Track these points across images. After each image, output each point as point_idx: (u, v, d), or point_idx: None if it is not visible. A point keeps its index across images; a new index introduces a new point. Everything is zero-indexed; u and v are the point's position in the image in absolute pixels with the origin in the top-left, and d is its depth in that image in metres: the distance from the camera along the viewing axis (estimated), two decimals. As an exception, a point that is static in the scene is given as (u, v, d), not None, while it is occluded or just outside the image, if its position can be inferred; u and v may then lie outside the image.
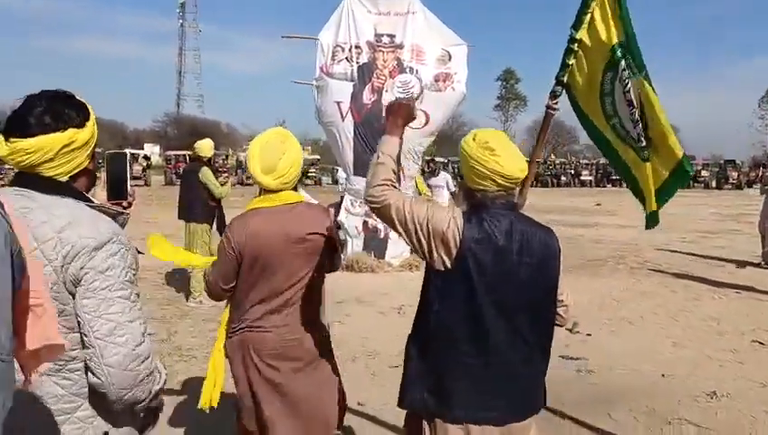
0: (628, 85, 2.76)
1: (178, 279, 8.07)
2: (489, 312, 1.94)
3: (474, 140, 2.02)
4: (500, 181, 1.98)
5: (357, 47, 9.25)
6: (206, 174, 6.86)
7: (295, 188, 2.63)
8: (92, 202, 1.63)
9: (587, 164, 49.48)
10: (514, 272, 1.96)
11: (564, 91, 3.00)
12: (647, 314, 6.85)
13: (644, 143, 2.84)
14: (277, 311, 2.52)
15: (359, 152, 9.21)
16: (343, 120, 9.15)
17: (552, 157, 56.15)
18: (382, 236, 9.46)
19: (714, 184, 44.10)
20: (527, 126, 79.43)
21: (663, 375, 4.88)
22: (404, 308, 6.82)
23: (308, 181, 35.71)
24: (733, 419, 4.07)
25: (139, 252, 1.68)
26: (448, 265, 1.94)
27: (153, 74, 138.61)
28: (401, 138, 2.16)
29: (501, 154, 1.97)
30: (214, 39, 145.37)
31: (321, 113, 9.36)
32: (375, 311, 6.83)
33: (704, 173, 45.88)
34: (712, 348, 5.63)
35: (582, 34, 2.88)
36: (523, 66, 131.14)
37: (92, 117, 1.68)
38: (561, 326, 2.23)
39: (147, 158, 42.15)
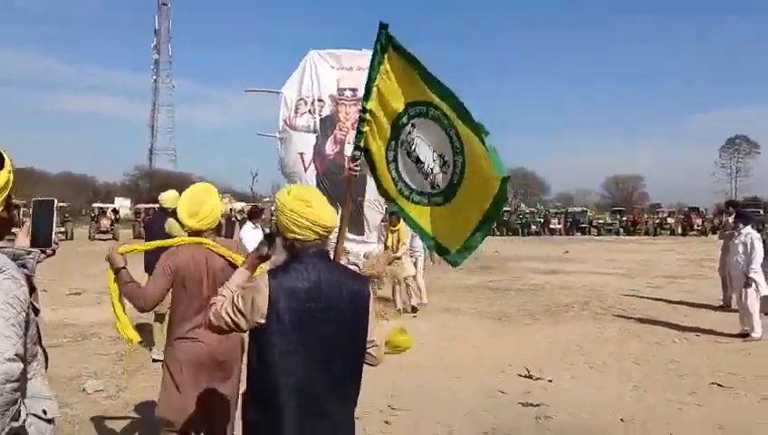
0: (414, 144, 3.15)
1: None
2: (304, 360, 2.07)
3: (289, 194, 2.21)
4: (319, 231, 2.17)
5: (320, 100, 9.39)
6: (172, 226, 6.72)
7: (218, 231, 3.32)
8: None
9: (556, 213, 50.21)
10: (325, 319, 2.10)
11: (364, 155, 3.34)
12: (609, 360, 6.83)
13: (439, 190, 3.15)
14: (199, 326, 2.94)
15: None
16: (306, 171, 9.20)
17: (523, 206, 57.05)
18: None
19: (679, 231, 45.01)
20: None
21: (622, 420, 4.83)
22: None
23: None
24: (690, 463, 4.02)
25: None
26: (262, 323, 2.07)
27: (126, 129, 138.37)
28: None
29: (316, 206, 2.18)
30: (188, 94, 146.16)
31: (284, 164, 9.40)
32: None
33: (669, 220, 46.95)
34: (672, 391, 5.60)
35: (372, 105, 3.26)
36: (486, 117, 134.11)
37: (8, 165, 1.64)
38: (374, 365, 2.34)
39: (115, 211, 41.64)
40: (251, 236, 8.52)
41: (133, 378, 6.03)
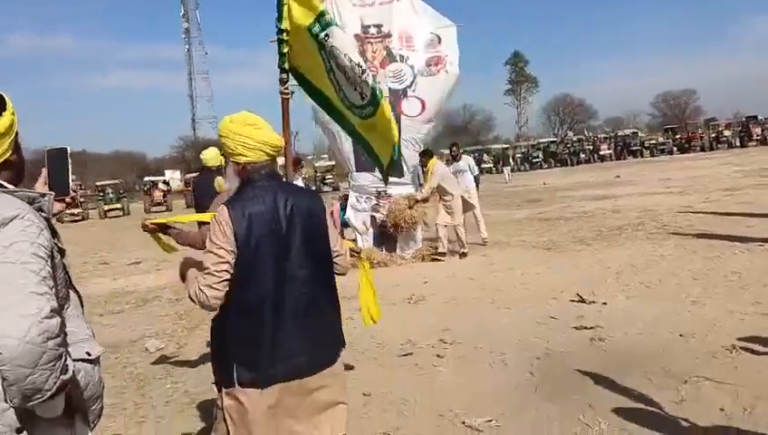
0: (337, 56, 3.15)
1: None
2: (277, 277, 2.15)
3: (232, 121, 2.24)
4: (269, 151, 2.23)
5: (345, 42, 9.18)
6: (220, 184, 6.76)
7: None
8: (6, 187, 1.57)
9: (605, 138, 48.67)
10: (289, 234, 2.19)
11: (292, 75, 3.39)
12: (665, 277, 6.63)
13: (368, 99, 3.19)
14: None
15: (358, 147, 9.10)
16: (338, 117, 9.08)
17: (570, 135, 55.49)
18: (391, 230, 9.35)
19: (737, 143, 43.01)
20: (541, 106, 78.71)
21: (681, 335, 4.68)
22: (414, 297, 6.72)
23: (326, 188, 35.74)
24: (754, 371, 3.87)
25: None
26: (236, 252, 2.11)
27: (167, 102, 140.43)
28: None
29: (263, 127, 2.26)
30: (221, 60, 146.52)
31: (318, 112, 9.27)
32: (385, 303, 6.67)
33: (726, 133, 44.86)
34: (733, 303, 5.39)
35: (285, 24, 3.27)
36: (529, 48, 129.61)
37: (10, 107, 1.61)
38: (342, 274, 2.43)
39: (166, 183, 42.67)
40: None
41: (192, 335, 6.22)
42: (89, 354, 1.67)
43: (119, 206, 37.07)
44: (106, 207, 36.64)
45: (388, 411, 3.82)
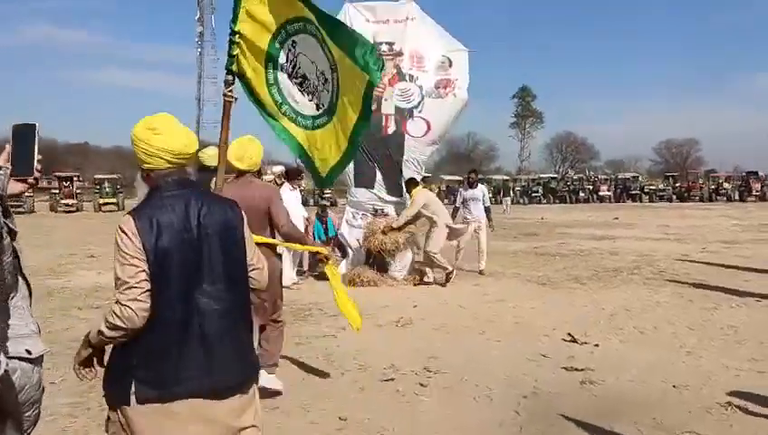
0: (297, 62, 3.20)
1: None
2: (186, 290, 2.02)
3: (136, 126, 2.12)
4: (168, 158, 2.08)
5: (356, 57, 9.09)
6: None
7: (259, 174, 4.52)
8: None
9: (605, 179, 48.81)
10: (202, 246, 2.06)
11: (237, 79, 3.36)
12: (661, 325, 6.45)
13: (323, 108, 3.21)
14: None
15: (359, 163, 8.97)
16: (342, 131, 8.95)
17: (570, 172, 55.70)
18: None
19: (736, 196, 43.17)
20: (545, 142, 79.09)
21: (674, 386, 4.50)
22: (402, 320, 6.53)
23: (324, 202, 35.51)
24: (749, 431, 3.69)
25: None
26: (146, 268, 1.97)
27: (174, 103, 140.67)
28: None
29: (164, 133, 2.09)
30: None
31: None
32: (372, 324, 6.51)
33: (726, 185, 45.07)
34: (729, 357, 5.22)
35: (241, 27, 3.23)
36: (537, 80, 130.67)
37: None
38: (259, 289, 2.36)
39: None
40: (288, 197, 8.38)
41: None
42: (29, 353, 1.50)
43: (114, 200, 36.87)
44: (101, 201, 36.46)
45: (365, 440, 3.62)
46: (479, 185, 10.32)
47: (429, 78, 8.97)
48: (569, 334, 5.87)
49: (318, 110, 3.28)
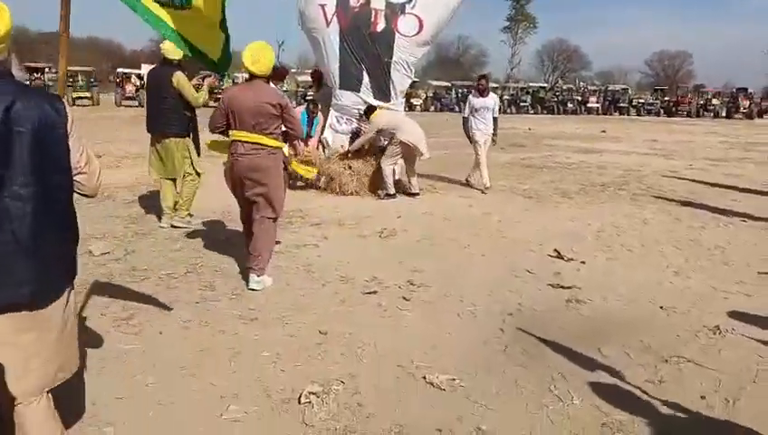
0: None
1: (150, 197, 7.56)
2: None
3: None
4: None
5: (343, -61, 8.29)
6: (180, 79, 6.04)
7: (268, 80, 4.72)
8: None
9: (594, 91, 47.96)
10: (10, 144, 1.86)
11: None
12: (648, 243, 6.35)
13: None
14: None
15: (345, 63, 8.44)
16: (328, 26, 8.32)
17: (560, 82, 54.69)
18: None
19: (723, 113, 42.85)
20: (536, 50, 77.11)
21: (662, 308, 4.41)
22: (386, 232, 6.34)
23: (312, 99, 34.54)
24: (737, 357, 3.62)
25: None
26: None
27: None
28: None
29: None
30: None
31: (304, 18, 8.51)
32: (355, 234, 6.33)
33: (714, 102, 44.56)
34: (717, 279, 5.14)
35: None
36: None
37: None
38: (89, 196, 2.22)
39: (140, 77, 40.80)
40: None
41: (143, 240, 5.78)
42: None
43: (88, 94, 35.44)
44: (74, 95, 34.89)
45: (345, 355, 3.47)
46: (491, 93, 9.32)
47: (424, -30, 8.28)
48: (555, 250, 5.74)
49: None
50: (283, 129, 4.55)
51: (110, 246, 5.48)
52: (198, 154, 6.43)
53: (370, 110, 8.34)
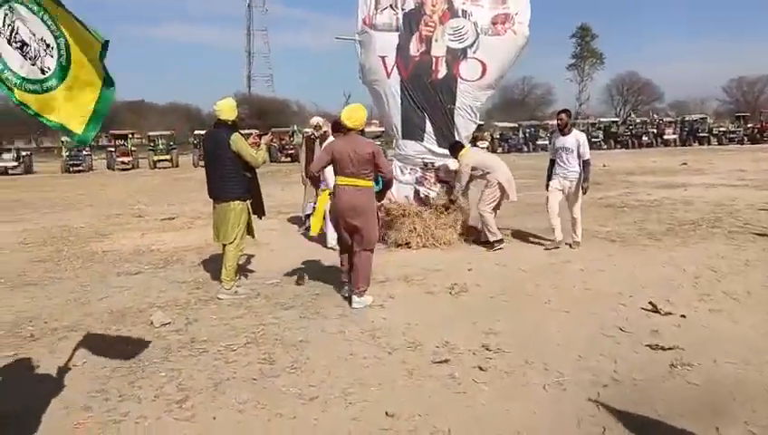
0: (15, 28, 3.15)
1: (217, 260, 7.45)
2: None
3: None
4: None
5: (403, -9, 8.19)
6: (237, 141, 5.87)
7: (362, 132, 5.93)
8: None
9: (670, 122, 46.06)
10: None
11: None
12: (754, 289, 5.61)
13: (50, 72, 3.24)
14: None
15: (407, 112, 8.23)
16: (389, 77, 8.16)
17: (633, 116, 52.97)
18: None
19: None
20: (605, 84, 75.53)
21: (787, 372, 3.74)
22: (456, 287, 5.90)
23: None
24: None
25: None
26: None
27: (225, 58, 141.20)
28: None
29: None
30: (280, 18, 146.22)
31: (365, 71, 8.39)
32: (423, 291, 5.92)
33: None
34: None
35: None
36: (596, 20, 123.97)
37: None
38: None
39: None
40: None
41: (205, 308, 5.59)
42: None
43: (168, 157, 37.14)
44: (156, 158, 36.78)
45: (415, 443, 3.05)
46: (573, 130, 7.88)
47: (485, 13, 7.98)
48: (650, 303, 5.12)
49: (44, 73, 3.26)
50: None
51: (172, 315, 5.32)
52: (263, 214, 6.26)
53: (457, 147, 7.98)
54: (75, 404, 3.59)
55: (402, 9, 8.14)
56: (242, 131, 6.21)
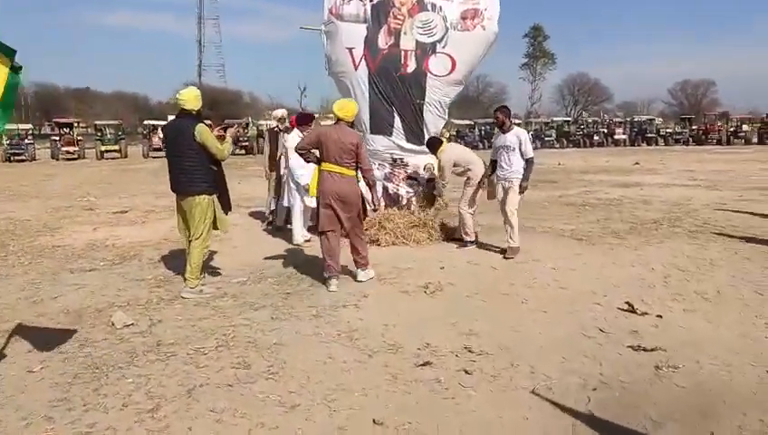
0: None
1: (177, 257, 7.13)
2: None
3: None
4: None
5: (371, -18, 7.99)
6: (202, 132, 5.56)
7: (351, 125, 6.10)
8: None
9: (620, 122, 47.37)
10: None
11: None
12: (723, 288, 5.69)
13: None
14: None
15: (375, 107, 8.06)
16: (356, 70, 7.97)
17: (585, 115, 54.20)
18: (404, 202, 8.37)
19: (754, 139, 41.89)
20: (556, 84, 77.04)
21: (769, 372, 3.76)
22: (431, 287, 5.78)
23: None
24: None
25: None
26: None
27: (174, 47, 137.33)
28: None
29: None
30: (233, 7, 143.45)
31: (332, 63, 8.18)
32: (397, 290, 5.78)
33: (745, 128, 43.68)
34: (820, 331, 4.46)
35: None
36: (549, 20, 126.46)
37: None
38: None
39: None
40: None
41: (169, 308, 5.30)
42: None
43: (116, 147, 35.89)
44: (103, 148, 35.45)
45: (408, 454, 2.90)
46: (514, 127, 7.44)
47: (454, 8, 7.86)
48: (626, 303, 5.11)
49: None
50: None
51: (134, 315, 5.01)
52: (229, 210, 5.98)
53: (435, 143, 7.80)
54: (35, 414, 3.29)
55: (370, 0, 7.95)
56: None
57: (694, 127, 46.88)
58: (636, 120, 48.19)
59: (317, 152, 5.87)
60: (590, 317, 4.88)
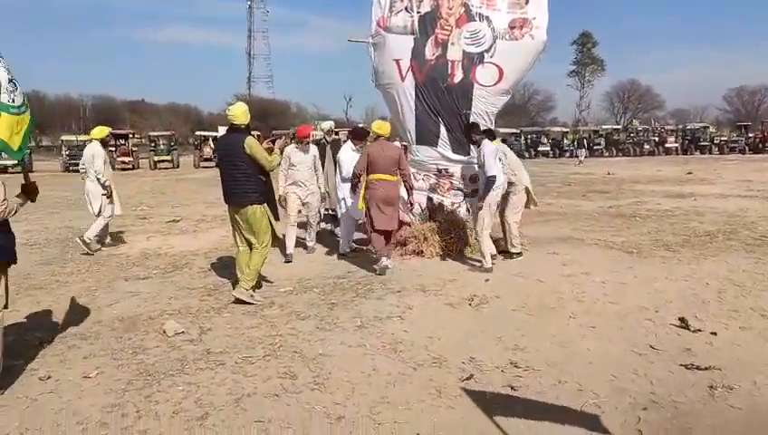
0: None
1: (227, 266, 7.29)
2: None
3: None
4: None
5: (418, -6, 8.02)
6: (251, 145, 5.75)
7: (389, 138, 7.39)
8: None
9: (672, 130, 46.10)
10: None
11: None
12: (783, 305, 5.46)
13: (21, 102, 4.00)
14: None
15: (421, 117, 8.06)
16: (403, 81, 8.00)
17: (635, 123, 52.95)
18: (448, 213, 8.33)
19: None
20: (605, 91, 75.57)
21: (833, 396, 3.59)
22: (476, 299, 5.74)
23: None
24: None
25: None
26: None
27: (225, 59, 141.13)
28: None
29: None
30: (282, 20, 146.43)
31: (378, 74, 8.24)
32: (442, 302, 5.76)
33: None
34: None
35: None
36: (597, 28, 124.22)
37: None
38: None
39: (216, 139, 42.40)
40: (351, 157, 7.60)
41: (218, 317, 5.42)
42: None
43: (169, 158, 37.02)
44: (156, 158, 36.67)
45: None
46: (485, 141, 7.19)
47: (502, 17, 7.82)
48: (679, 319, 4.97)
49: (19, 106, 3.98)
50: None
51: (185, 324, 5.15)
52: (277, 219, 6.11)
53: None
54: (90, 420, 3.42)
55: (418, 12, 7.98)
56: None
57: (750, 135, 45.21)
58: (689, 127, 46.81)
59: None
60: (641, 334, 4.76)
